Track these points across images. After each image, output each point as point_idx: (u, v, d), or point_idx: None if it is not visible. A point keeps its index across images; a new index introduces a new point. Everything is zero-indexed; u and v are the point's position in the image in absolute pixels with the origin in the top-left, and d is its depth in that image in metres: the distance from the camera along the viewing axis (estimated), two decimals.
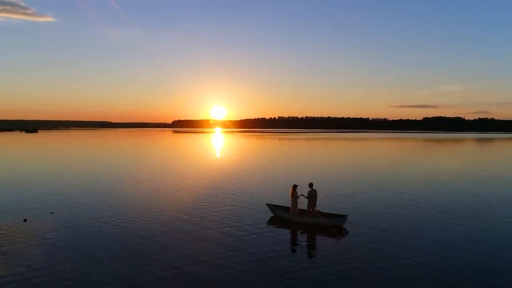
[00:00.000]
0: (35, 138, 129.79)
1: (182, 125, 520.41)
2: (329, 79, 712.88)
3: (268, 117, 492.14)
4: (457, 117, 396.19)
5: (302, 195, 17.91)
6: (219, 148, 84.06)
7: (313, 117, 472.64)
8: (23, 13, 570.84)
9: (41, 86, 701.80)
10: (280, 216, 18.48)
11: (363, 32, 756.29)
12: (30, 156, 58.52)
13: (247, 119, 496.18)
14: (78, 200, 22.51)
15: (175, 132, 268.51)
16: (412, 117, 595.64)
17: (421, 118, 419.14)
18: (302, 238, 16.00)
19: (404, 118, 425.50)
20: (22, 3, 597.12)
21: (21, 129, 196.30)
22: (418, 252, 13.81)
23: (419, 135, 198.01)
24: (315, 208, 17.75)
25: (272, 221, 17.98)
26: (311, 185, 17.88)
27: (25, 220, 17.41)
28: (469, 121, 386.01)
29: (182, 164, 46.23)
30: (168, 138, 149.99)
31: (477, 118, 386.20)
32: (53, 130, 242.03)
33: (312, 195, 17.57)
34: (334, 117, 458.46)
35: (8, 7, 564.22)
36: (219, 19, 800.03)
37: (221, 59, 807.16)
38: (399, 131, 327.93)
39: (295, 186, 18.13)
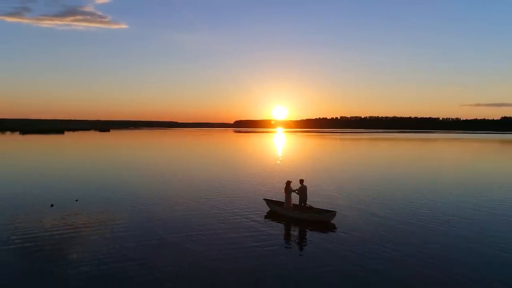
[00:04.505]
0: (103, 136, 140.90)
1: (244, 125, 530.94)
2: (395, 77, 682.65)
3: (330, 117, 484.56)
4: None
5: (295, 190, 18.48)
6: (273, 147, 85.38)
7: (377, 117, 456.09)
8: (100, 22, 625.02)
9: (114, 88, 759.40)
10: (274, 210, 19.21)
11: (432, 26, 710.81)
12: (78, 152, 64.25)
13: (308, 119, 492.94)
14: (104, 190, 25.04)
15: (236, 132, 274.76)
16: (488, 116, 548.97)
17: (499, 118, 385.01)
18: (291, 232, 16.63)
19: (479, 118, 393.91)
20: (99, 13, 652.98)
21: (96, 129, 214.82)
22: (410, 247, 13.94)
23: (494, 136, 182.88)
24: (307, 203, 18.22)
25: (268, 215, 18.79)
26: (301, 181, 18.41)
27: (52, 206, 20.05)
28: None
29: (222, 162, 48.11)
30: (228, 137, 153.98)
31: None
32: (124, 129, 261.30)
33: (302, 191, 18.08)
34: (400, 117, 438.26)
35: (88, 17, 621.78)
36: (281, 20, 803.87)
37: (283, 59, 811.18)
38: (473, 131, 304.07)
39: (288, 182, 18.76)
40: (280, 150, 77.34)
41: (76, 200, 21.48)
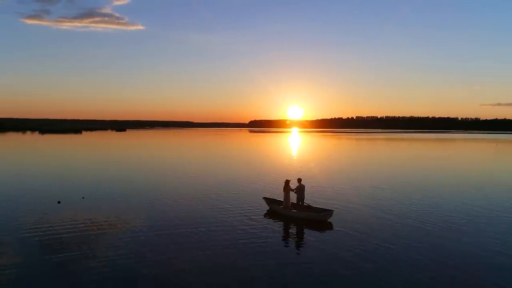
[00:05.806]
0: (118, 135, 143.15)
1: (259, 125, 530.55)
2: (412, 76, 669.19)
3: (346, 117, 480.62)
4: None
5: (293, 189, 18.64)
6: (288, 147, 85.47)
7: (394, 116, 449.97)
8: (118, 23, 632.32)
9: (131, 89, 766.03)
10: (273, 209, 19.41)
11: (450, 24, 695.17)
12: (92, 150, 65.57)
13: (324, 119, 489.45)
14: (112, 188, 25.71)
15: (251, 131, 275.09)
16: (509, 116, 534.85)
17: None
18: (288, 230, 16.81)
19: (499, 118, 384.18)
20: (117, 14, 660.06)
21: (112, 129, 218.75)
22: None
23: None
24: (304, 202, 18.38)
25: (267, 214, 19.02)
26: (299, 180, 18.57)
27: (59, 202, 20.73)
28: None
29: (235, 161, 48.54)
30: (242, 137, 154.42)
31: None
32: (140, 129, 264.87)
33: (300, 190, 18.23)
34: (418, 117, 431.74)
35: (106, 18, 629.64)
36: (297, 19, 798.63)
37: (299, 59, 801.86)
38: (493, 131, 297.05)
39: (287, 181, 18.92)
40: (295, 150, 77.39)
41: (83, 198, 22.12)
